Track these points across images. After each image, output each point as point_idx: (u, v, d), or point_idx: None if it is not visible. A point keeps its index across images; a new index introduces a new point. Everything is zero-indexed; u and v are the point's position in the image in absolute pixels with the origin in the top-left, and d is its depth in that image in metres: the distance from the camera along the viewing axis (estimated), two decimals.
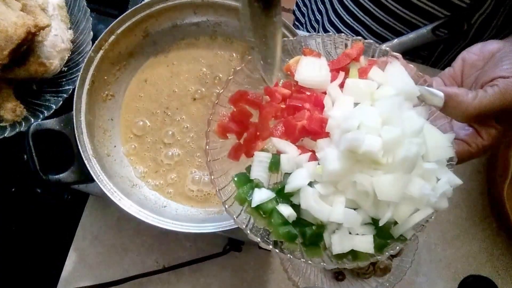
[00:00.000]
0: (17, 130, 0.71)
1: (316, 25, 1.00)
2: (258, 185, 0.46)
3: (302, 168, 0.45)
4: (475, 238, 0.85)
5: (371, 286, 0.78)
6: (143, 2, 0.69)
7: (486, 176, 0.88)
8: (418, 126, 0.43)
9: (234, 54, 0.74)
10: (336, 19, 0.91)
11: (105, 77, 0.70)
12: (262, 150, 0.48)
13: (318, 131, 0.46)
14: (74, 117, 0.65)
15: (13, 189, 0.83)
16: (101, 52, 0.68)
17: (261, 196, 0.45)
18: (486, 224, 0.86)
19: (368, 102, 0.45)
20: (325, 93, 0.48)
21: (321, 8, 0.96)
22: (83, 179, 0.66)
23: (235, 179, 0.47)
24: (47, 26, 0.69)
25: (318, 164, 0.44)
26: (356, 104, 0.46)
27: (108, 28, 0.67)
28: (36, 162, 0.64)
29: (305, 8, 1.07)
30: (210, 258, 0.77)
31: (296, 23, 1.14)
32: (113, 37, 0.68)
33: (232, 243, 0.78)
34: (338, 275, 0.79)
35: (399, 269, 0.78)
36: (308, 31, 1.04)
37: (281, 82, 0.51)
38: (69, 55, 0.75)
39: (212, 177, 0.49)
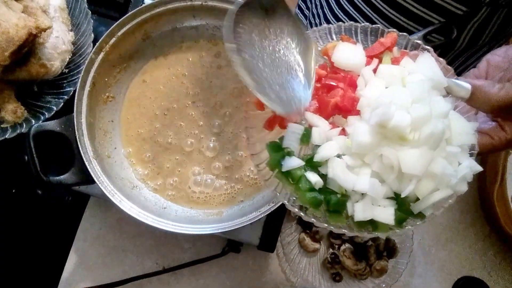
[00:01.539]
0: (18, 131, 0.71)
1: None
2: (289, 153, 0.49)
3: (332, 141, 0.47)
4: (468, 240, 0.87)
5: (367, 287, 0.80)
6: (143, 5, 0.69)
7: (477, 180, 0.90)
8: (445, 109, 0.45)
9: None
10: (334, 21, 0.92)
11: (106, 79, 0.71)
12: (295, 123, 0.50)
13: (350, 108, 0.48)
14: (74, 119, 0.65)
15: (13, 191, 0.82)
16: (101, 54, 0.68)
17: (291, 163, 0.48)
18: (478, 226, 0.88)
19: (399, 85, 0.47)
20: (359, 75, 0.50)
21: (319, 12, 0.97)
22: (83, 181, 0.66)
23: (268, 145, 0.50)
24: (48, 28, 0.69)
25: (347, 138, 0.47)
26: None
27: (109, 30, 0.67)
28: (37, 164, 0.63)
29: (307, 11, 1.08)
30: (209, 259, 0.78)
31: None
32: (113, 39, 0.68)
33: (231, 245, 0.78)
34: (336, 276, 0.80)
35: (395, 270, 0.79)
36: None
37: (317, 65, 0.53)
38: (70, 57, 0.75)
39: (248, 143, 0.52)
